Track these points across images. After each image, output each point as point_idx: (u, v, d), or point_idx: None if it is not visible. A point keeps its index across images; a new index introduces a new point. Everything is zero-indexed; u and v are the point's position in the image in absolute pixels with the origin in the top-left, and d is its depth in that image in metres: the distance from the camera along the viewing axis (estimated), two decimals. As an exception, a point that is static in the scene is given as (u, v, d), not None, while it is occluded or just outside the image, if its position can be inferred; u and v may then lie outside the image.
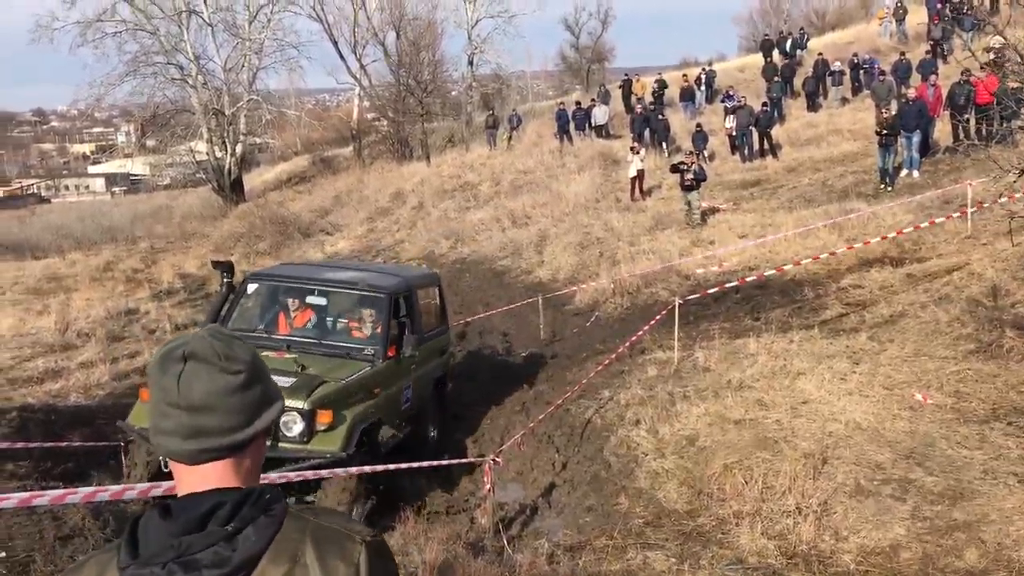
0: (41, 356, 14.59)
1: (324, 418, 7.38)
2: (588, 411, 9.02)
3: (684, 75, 32.02)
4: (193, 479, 1.47)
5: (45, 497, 4.63)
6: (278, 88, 46.99)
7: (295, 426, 7.29)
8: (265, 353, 7.68)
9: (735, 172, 21.65)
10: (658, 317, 10.43)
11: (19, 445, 8.15)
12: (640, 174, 20.86)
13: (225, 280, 8.60)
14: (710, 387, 9.04)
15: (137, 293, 21.74)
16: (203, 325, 8.28)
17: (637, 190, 20.85)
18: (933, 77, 18.43)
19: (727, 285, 12.01)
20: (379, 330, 8.85)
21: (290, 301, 9.22)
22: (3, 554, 5.31)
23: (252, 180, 44.49)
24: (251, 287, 9.36)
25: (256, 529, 1.42)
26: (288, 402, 7.18)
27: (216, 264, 8.93)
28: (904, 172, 17.17)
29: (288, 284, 9.46)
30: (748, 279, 12.38)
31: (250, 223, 29.80)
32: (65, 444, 8.73)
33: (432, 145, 35.18)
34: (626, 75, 34.47)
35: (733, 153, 23.30)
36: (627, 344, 10.20)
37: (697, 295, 11.74)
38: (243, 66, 37.35)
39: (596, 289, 14.62)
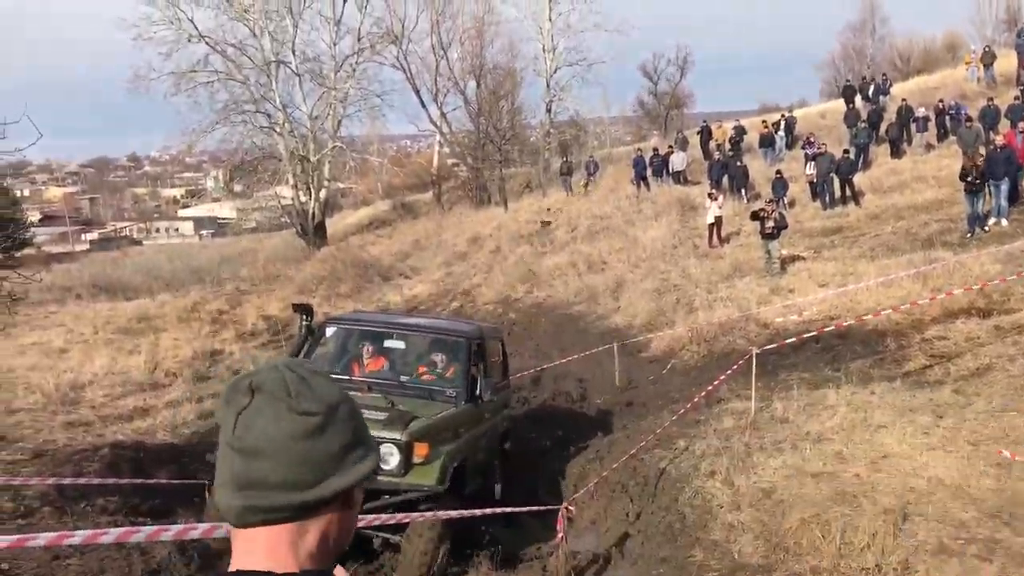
0: (131, 394, 15.17)
1: (421, 451, 7.41)
2: (663, 461, 8.96)
3: (764, 121, 31.85)
4: (239, 547, 1.21)
5: (141, 534, 4.82)
6: (361, 134, 48.30)
7: (392, 458, 7.29)
8: (351, 393, 7.83)
9: (816, 219, 21.37)
10: (736, 366, 10.34)
11: (110, 481, 8.47)
12: (718, 221, 20.77)
13: (304, 323, 8.75)
14: (788, 439, 8.90)
15: (222, 334, 22.41)
16: None
17: (715, 237, 20.75)
18: (1022, 124, 17.97)
19: (806, 335, 11.83)
20: (458, 373, 8.94)
21: (368, 344, 9.35)
22: (95, 586, 5.53)
23: (334, 224, 45.61)
24: (330, 331, 9.47)
25: None
26: (385, 434, 7.24)
27: (296, 307, 9.14)
28: (992, 220, 16.73)
29: (367, 328, 9.66)
30: (827, 328, 12.17)
31: (332, 266, 30.56)
32: (153, 482, 9.03)
33: (509, 190, 35.64)
34: (704, 121, 34.46)
35: (814, 200, 23.01)
36: (703, 394, 10.13)
37: (775, 344, 11.59)
38: (328, 114, 38.59)
39: (672, 337, 14.55)
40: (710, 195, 21.29)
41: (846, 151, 22.96)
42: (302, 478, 1.18)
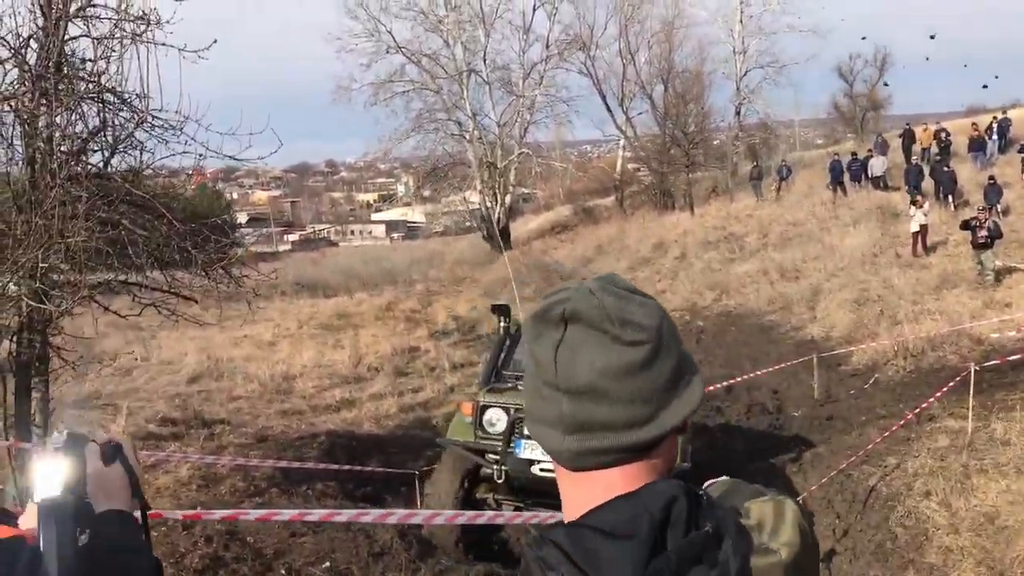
0: (337, 387, 16.11)
1: None
2: (872, 478, 8.64)
3: (973, 123, 29.89)
4: (574, 491, 1.12)
5: (369, 516, 5.17)
6: (544, 140, 49.07)
7: None
8: None
9: (1034, 228, 19.87)
10: (952, 383, 9.81)
11: (333, 467, 9.06)
12: (923, 229, 19.69)
13: (503, 324, 8.96)
14: (1011, 462, 8.37)
15: (416, 332, 23.36)
16: (483, 369, 8.69)
17: (920, 246, 19.67)
18: None
19: (1031, 353, 11.05)
20: None
21: None
22: (327, 564, 5.96)
23: (517, 228, 46.49)
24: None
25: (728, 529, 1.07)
26: None
27: (495, 308, 9.42)
28: None
29: None
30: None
31: (516, 269, 31.18)
32: (371, 470, 9.59)
33: (695, 195, 35.16)
34: (908, 124, 32.72)
35: (1032, 207, 21.42)
36: (917, 410, 9.68)
37: (996, 361, 10.89)
38: (516, 121, 39.45)
39: (876, 350, 13.94)
40: (914, 202, 20.22)
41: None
42: (638, 415, 1.08)
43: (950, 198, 23.45)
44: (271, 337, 22.84)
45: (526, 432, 7.08)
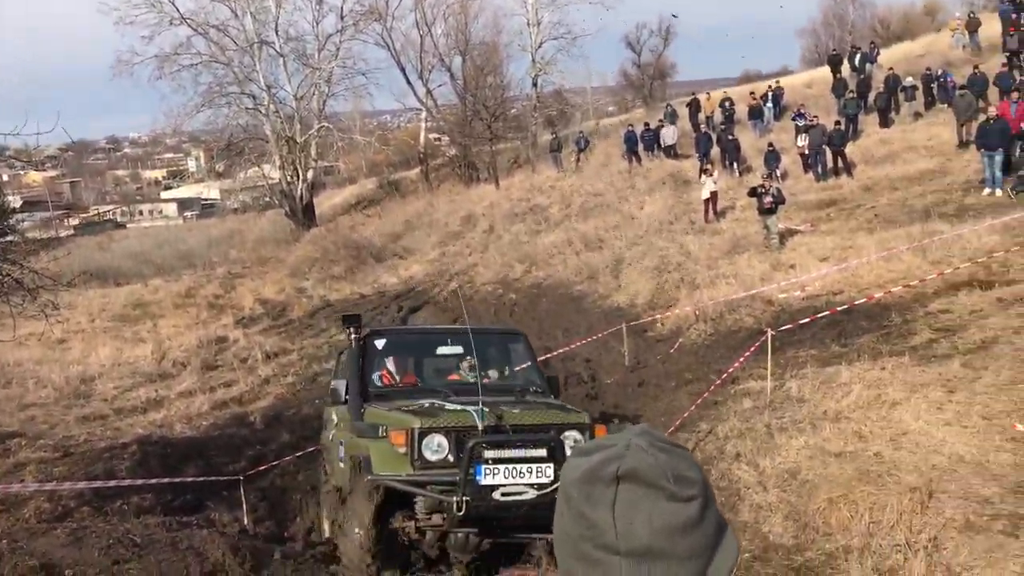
0: (142, 386, 15.27)
1: (601, 432, 7.46)
2: (688, 443, 9.16)
3: (751, 92, 31.95)
4: None
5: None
6: (343, 111, 48.07)
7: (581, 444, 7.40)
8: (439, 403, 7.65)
9: (809, 192, 21.58)
10: (753, 348, 10.52)
11: (152, 481, 8.59)
12: (713, 196, 20.92)
13: (354, 336, 8.31)
14: (807, 418, 9.11)
15: (221, 319, 22.44)
16: (343, 384, 8.24)
17: (711, 212, 20.91)
18: (1015, 94, 18.17)
19: (819, 316, 12.03)
20: (531, 370, 8.91)
21: (418, 353, 9.25)
22: (157, 590, 5.67)
23: (321, 204, 45.48)
24: (379, 343, 8.92)
25: None
26: (575, 419, 7.43)
27: (346, 319, 8.61)
28: (987, 191, 16.98)
29: (419, 336, 9.71)
30: (839, 308, 12.38)
31: (323, 248, 30.57)
32: (191, 480, 9.16)
33: (498, 167, 35.62)
34: (693, 93, 34.51)
35: (806, 172, 23.21)
36: (721, 379, 10.33)
37: (789, 325, 11.78)
38: (313, 94, 38.38)
39: (678, 316, 14.73)
40: (704, 170, 21.41)
41: (837, 122, 23.14)
42: (695, 570, 1.07)
43: (735, 165, 25.01)
44: (61, 334, 21.22)
45: (486, 456, 6.77)
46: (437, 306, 20.97)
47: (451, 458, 6.95)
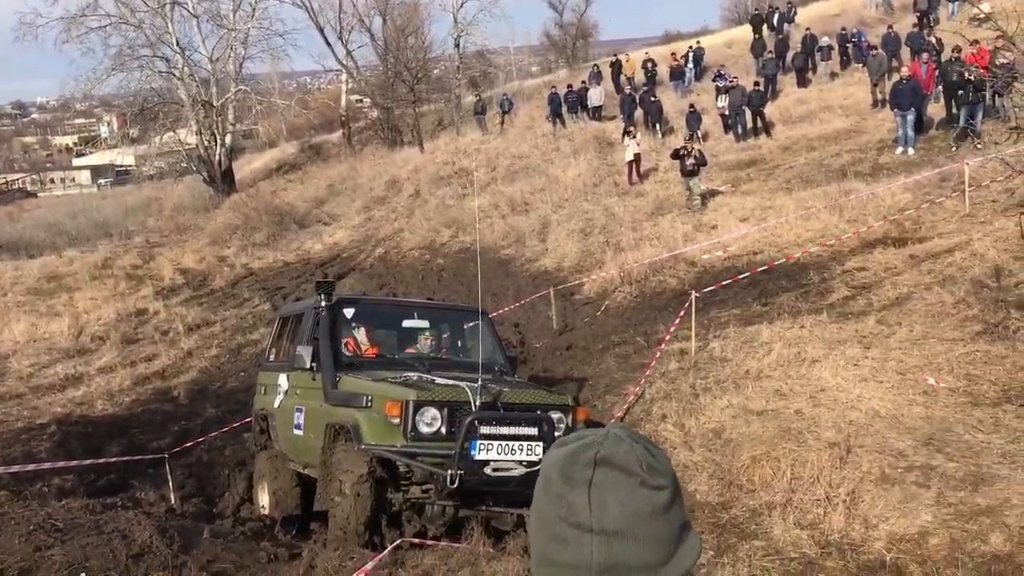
0: (59, 362, 14.81)
1: (582, 415, 7.74)
2: (615, 407, 9.31)
3: (672, 53, 32.15)
4: None
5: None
6: (260, 72, 46.83)
7: (562, 425, 7.44)
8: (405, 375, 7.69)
9: (729, 152, 21.90)
10: (681, 312, 10.67)
11: (73, 463, 8.37)
12: (637, 158, 21.07)
13: (324, 304, 8.19)
14: (729, 378, 9.34)
15: (140, 291, 21.84)
16: (308, 351, 8.03)
17: (635, 174, 21.07)
18: (926, 55, 18.67)
19: (741, 276, 12.27)
20: (493, 347, 8.92)
21: (387, 324, 9.13)
22: (84, 575, 5.56)
23: (240, 169, 44.41)
24: (348, 311, 8.72)
25: None
26: (554, 400, 7.63)
27: (320, 286, 8.49)
28: (900, 150, 17.46)
29: (388, 308, 9.67)
30: (760, 268, 12.65)
31: (244, 214, 29.87)
32: (115, 460, 8.95)
33: (422, 130, 35.25)
34: (615, 55, 34.56)
35: (726, 133, 23.52)
36: (661, 344, 10.46)
37: (712, 287, 11.98)
38: (229, 56, 37.29)
39: (604, 278, 14.87)
40: (628, 132, 21.53)
41: (757, 83, 23.46)
42: (659, 556, 1.14)
43: (658, 127, 25.20)
44: (-30, 310, 20.43)
45: (481, 432, 6.90)
46: (363, 272, 20.77)
47: (443, 431, 7.03)
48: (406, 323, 9.00)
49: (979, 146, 15.66)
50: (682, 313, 10.74)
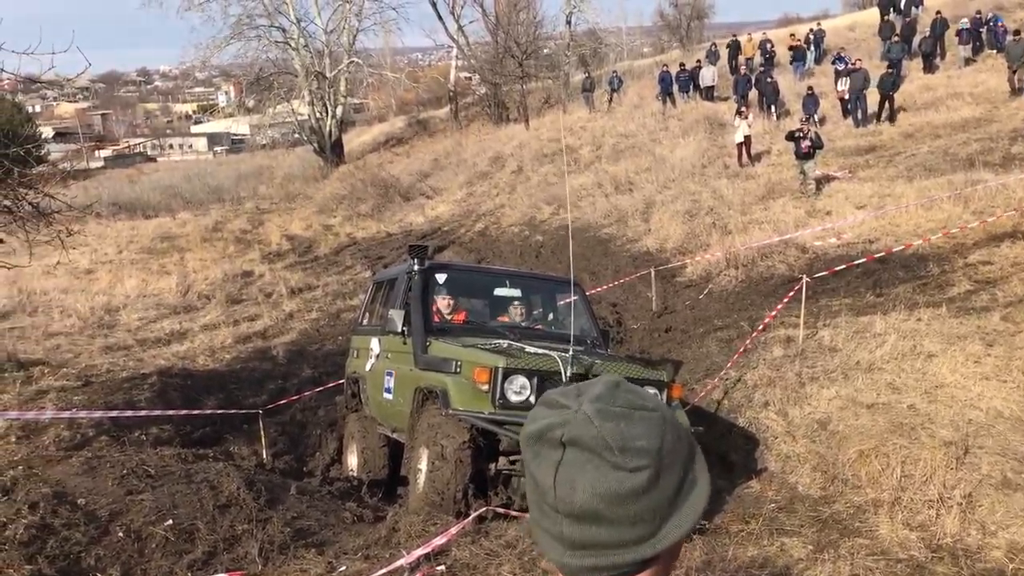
0: (166, 318, 15.24)
1: (677, 392, 7.49)
2: (716, 391, 8.95)
3: (792, 35, 31.04)
4: None
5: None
6: (373, 47, 47.39)
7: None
8: (495, 342, 7.52)
9: (848, 137, 20.95)
10: (789, 296, 10.21)
11: (169, 412, 8.52)
12: (748, 140, 20.38)
13: (417, 268, 8.11)
14: (839, 368, 8.85)
15: (247, 254, 22.40)
16: (400, 315, 7.95)
17: (745, 155, 20.39)
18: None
19: (856, 263, 11.67)
20: (586, 320, 8.73)
21: (479, 292, 9.00)
22: (170, 522, 5.58)
23: (350, 141, 45.16)
24: (440, 276, 8.58)
25: None
26: (654, 375, 7.34)
27: (413, 250, 8.40)
28: (1035, 140, 16.37)
29: (480, 275, 9.56)
30: (877, 255, 12.01)
31: (351, 185, 30.35)
32: (209, 412, 9.08)
33: (529, 106, 35.02)
34: (734, 35, 33.58)
35: (845, 117, 22.54)
36: (754, 322, 10.05)
37: (823, 273, 11.42)
38: (344, 28, 37.80)
39: (709, 261, 14.40)
40: (739, 112, 20.84)
41: (890, 67, 22.24)
42: (640, 535, 1.08)
43: (772, 108, 24.35)
44: (88, 264, 21.33)
45: None
46: (463, 246, 20.75)
47: (532, 400, 6.74)
48: (498, 291, 8.78)
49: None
50: (788, 299, 10.25)
